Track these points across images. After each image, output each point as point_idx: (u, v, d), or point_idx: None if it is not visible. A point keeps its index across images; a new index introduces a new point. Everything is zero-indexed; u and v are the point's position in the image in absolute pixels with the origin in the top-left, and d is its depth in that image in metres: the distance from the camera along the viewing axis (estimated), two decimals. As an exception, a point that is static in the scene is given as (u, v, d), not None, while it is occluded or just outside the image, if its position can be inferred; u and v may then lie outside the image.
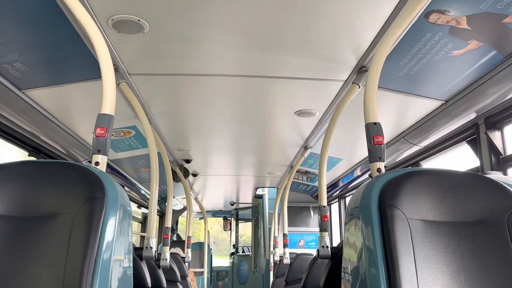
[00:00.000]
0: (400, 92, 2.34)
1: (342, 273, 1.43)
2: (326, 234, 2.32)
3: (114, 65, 2.08)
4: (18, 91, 2.25)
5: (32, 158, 2.80)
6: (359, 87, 2.17)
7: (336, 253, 2.09)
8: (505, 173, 2.24)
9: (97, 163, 1.44)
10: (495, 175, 1.79)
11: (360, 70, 2.14)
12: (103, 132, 1.46)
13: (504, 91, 2.02)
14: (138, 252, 2.28)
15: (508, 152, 2.27)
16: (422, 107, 2.52)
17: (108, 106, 1.50)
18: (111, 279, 1.20)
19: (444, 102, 2.41)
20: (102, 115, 1.48)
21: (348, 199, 5.26)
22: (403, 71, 2.10)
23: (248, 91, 2.50)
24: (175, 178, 4.25)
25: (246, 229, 10.11)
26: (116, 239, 1.26)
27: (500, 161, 2.26)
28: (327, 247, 2.21)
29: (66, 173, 1.28)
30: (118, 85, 2.19)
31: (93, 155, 1.45)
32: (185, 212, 7.13)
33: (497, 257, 1.19)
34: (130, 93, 2.26)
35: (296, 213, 6.12)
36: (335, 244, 2.29)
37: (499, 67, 1.94)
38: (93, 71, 2.09)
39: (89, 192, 1.24)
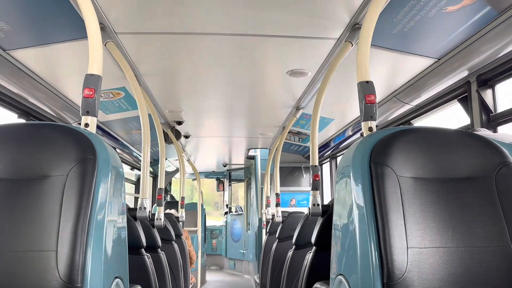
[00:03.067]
0: (393, 50, 2.31)
1: (333, 230, 1.47)
2: (317, 192, 2.35)
3: (100, 23, 2.01)
4: (3, 52, 2.18)
5: (22, 121, 2.77)
6: (352, 45, 2.14)
7: (327, 211, 2.13)
8: (495, 131, 2.26)
9: (86, 125, 1.42)
10: (484, 132, 1.81)
11: (354, 27, 2.10)
12: (91, 93, 1.44)
13: (496, 48, 2.00)
14: (132, 213, 2.31)
15: (499, 110, 2.28)
16: (414, 65, 2.50)
17: (96, 66, 1.47)
18: (105, 239, 1.22)
19: (436, 60, 2.39)
20: (89, 75, 1.46)
21: (339, 159, 5.31)
22: (397, 28, 2.06)
23: (240, 50, 2.45)
24: (167, 140, 4.24)
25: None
26: (109, 200, 1.27)
27: (491, 119, 2.28)
28: (318, 205, 2.25)
29: (55, 135, 1.27)
30: (105, 45, 2.14)
31: (82, 117, 1.43)
32: (179, 173, 7.19)
33: (484, 212, 1.22)
34: (118, 53, 2.21)
35: (288, 173, 6.19)
36: (326, 203, 2.33)
37: (493, 24, 1.91)
38: (80, 31, 2.03)
39: (79, 154, 1.23)
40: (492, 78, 2.24)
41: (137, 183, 6.41)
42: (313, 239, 2.17)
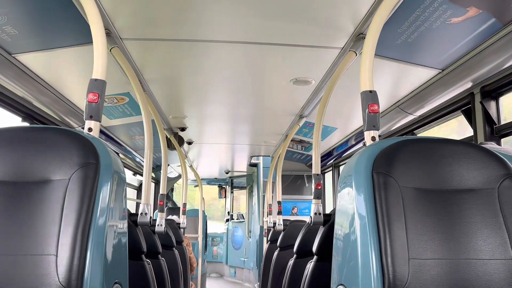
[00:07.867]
0: (397, 60, 2.32)
1: (334, 239, 1.46)
2: (319, 201, 2.35)
3: (106, 29, 2.03)
4: (9, 56, 2.20)
5: (26, 124, 2.78)
6: (356, 55, 2.15)
7: (329, 220, 2.12)
8: (499, 143, 2.25)
9: (90, 129, 1.43)
10: (491, 146, 1.80)
11: (358, 37, 2.11)
12: (96, 97, 1.44)
13: (501, 60, 2.00)
14: (133, 218, 2.30)
15: (503, 122, 2.27)
16: (418, 75, 2.51)
17: (100, 71, 1.48)
18: (105, 244, 1.22)
19: (440, 71, 2.39)
20: (93, 80, 1.46)
21: (342, 168, 5.30)
22: (401, 39, 2.07)
23: (244, 58, 2.46)
24: (170, 146, 4.24)
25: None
26: (111, 205, 1.26)
27: (494, 131, 2.27)
28: (320, 214, 2.24)
29: (58, 138, 1.27)
30: (110, 50, 2.15)
31: (86, 121, 1.44)
32: (181, 179, 7.18)
33: (486, 225, 1.21)
34: (123, 59, 2.22)
35: (290, 182, 6.18)
36: (328, 212, 2.32)
37: (498, 35, 1.91)
38: (85, 36, 2.05)
39: (82, 158, 1.23)
40: (496, 89, 2.24)
41: (139, 189, 6.41)
42: (314, 248, 2.16)
